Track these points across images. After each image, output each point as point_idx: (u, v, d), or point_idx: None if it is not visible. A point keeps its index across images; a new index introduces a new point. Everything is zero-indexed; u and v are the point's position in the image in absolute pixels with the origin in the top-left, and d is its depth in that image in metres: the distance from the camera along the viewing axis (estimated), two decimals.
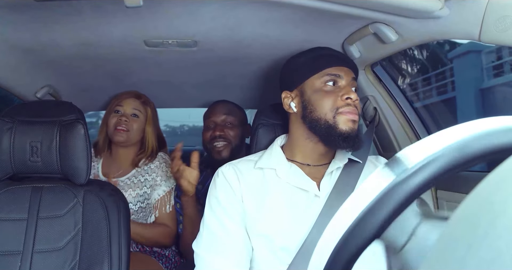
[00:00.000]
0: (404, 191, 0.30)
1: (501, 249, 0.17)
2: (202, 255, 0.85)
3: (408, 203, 0.30)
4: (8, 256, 0.99)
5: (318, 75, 0.92)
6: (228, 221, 0.86)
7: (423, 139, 0.31)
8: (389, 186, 0.30)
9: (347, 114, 0.88)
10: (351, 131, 0.87)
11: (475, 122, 0.30)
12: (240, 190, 0.88)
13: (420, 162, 0.30)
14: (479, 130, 0.29)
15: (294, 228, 0.83)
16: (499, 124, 0.29)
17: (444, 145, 0.29)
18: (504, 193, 0.20)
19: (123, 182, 1.46)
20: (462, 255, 0.19)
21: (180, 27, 1.03)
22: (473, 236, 0.20)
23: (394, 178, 0.30)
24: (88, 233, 1.04)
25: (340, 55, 0.99)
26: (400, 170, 0.30)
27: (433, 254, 0.23)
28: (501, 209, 0.19)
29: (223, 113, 1.49)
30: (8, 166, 1.04)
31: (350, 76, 0.93)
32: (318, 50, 0.99)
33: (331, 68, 0.92)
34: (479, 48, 6.17)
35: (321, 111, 0.89)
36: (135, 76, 1.48)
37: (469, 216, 0.21)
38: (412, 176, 0.30)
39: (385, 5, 0.84)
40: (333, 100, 0.89)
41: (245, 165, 0.94)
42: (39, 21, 0.97)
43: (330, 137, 0.88)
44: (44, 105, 1.18)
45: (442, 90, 7.31)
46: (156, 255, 1.46)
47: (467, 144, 0.29)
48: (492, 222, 0.19)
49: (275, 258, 0.83)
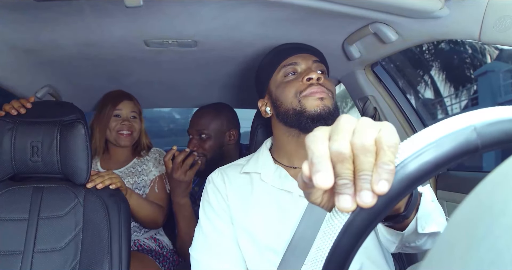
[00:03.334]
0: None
1: (501, 249, 0.17)
2: (198, 259, 0.86)
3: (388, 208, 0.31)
4: (9, 256, 1.00)
5: (276, 71, 0.93)
6: (221, 223, 0.87)
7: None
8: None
9: (312, 95, 0.85)
10: (321, 110, 0.83)
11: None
12: (226, 193, 0.89)
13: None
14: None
15: (279, 229, 0.82)
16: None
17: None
18: (504, 193, 0.20)
19: (121, 172, 1.51)
20: (462, 255, 0.20)
21: (180, 27, 1.03)
22: (473, 236, 0.20)
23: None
24: (89, 233, 1.04)
25: (296, 44, 0.98)
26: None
27: (433, 254, 0.23)
28: (501, 209, 0.19)
29: (197, 127, 1.48)
30: (9, 166, 1.04)
31: (310, 60, 0.92)
32: (276, 48, 1.00)
33: (286, 60, 0.92)
34: (498, 68, 7.02)
35: (287, 101, 0.87)
36: (135, 76, 1.48)
37: (469, 216, 0.21)
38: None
39: (385, 5, 0.84)
40: (294, 86, 0.87)
41: (232, 170, 0.94)
42: (39, 21, 0.97)
43: (302, 124, 0.85)
44: (45, 105, 1.18)
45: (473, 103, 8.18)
46: (154, 254, 1.46)
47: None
48: (492, 222, 0.19)
49: (263, 259, 0.83)
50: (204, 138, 1.46)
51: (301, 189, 0.34)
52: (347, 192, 0.30)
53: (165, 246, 1.55)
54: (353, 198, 0.30)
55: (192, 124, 1.51)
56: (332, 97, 0.87)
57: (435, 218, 0.62)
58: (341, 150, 0.30)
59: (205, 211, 0.90)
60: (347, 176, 0.30)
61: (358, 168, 0.30)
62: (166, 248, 1.55)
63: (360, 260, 0.78)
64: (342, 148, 0.30)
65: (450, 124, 0.30)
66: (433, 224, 0.61)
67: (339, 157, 0.30)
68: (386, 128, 0.31)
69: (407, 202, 0.53)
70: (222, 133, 1.49)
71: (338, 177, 0.30)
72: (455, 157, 0.30)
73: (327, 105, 0.84)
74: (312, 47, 0.99)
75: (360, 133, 0.31)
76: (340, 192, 0.30)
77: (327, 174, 0.30)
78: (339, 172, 0.30)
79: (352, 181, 0.30)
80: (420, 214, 0.58)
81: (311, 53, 0.95)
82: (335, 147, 0.30)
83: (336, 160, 0.30)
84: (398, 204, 0.49)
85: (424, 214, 0.59)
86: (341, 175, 0.30)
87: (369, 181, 0.29)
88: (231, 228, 0.87)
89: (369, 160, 0.30)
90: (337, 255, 0.31)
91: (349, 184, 0.30)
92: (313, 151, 0.31)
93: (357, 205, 0.30)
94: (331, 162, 0.31)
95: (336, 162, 0.31)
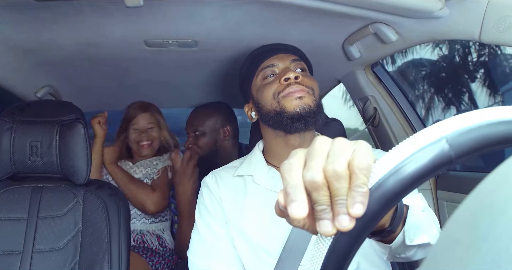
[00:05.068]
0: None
1: (502, 249, 0.17)
2: (195, 262, 0.86)
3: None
4: (8, 256, 0.99)
5: (255, 76, 0.92)
6: (217, 226, 0.87)
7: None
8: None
9: (290, 95, 0.84)
10: (300, 110, 0.82)
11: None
12: (220, 196, 0.89)
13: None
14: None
15: (274, 231, 0.82)
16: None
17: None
18: (504, 193, 0.20)
19: (140, 163, 1.65)
20: (462, 255, 0.19)
21: (180, 27, 1.03)
22: (473, 236, 0.20)
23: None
24: (88, 233, 1.04)
25: (272, 45, 0.97)
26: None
27: (433, 254, 0.23)
28: (501, 209, 0.19)
29: (192, 125, 1.55)
30: (8, 166, 1.04)
31: (287, 59, 0.91)
32: (252, 52, 0.99)
33: (264, 62, 0.91)
34: None
35: (267, 103, 0.87)
36: (135, 76, 1.48)
37: (469, 216, 0.21)
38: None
39: (385, 5, 0.84)
40: (272, 88, 0.86)
41: (226, 173, 0.94)
42: (39, 21, 0.97)
43: (283, 124, 0.84)
44: (44, 105, 1.18)
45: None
46: (149, 254, 1.46)
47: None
48: (492, 222, 0.19)
49: (259, 260, 0.82)
50: (198, 135, 1.52)
51: (279, 217, 0.35)
52: (326, 217, 0.31)
53: (166, 246, 1.55)
54: (333, 223, 0.30)
55: (188, 122, 1.58)
56: (313, 93, 0.86)
57: (425, 229, 0.60)
58: (315, 179, 0.31)
59: (201, 214, 0.90)
60: (324, 202, 0.31)
61: (333, 193, 0.31)
62: (167, 247, 1.55)
63: (356, 260, 0.78)
64: (315, 177, 0.31)
65: (421, 138, 0.30)
66: (423, 235, 0.60)
67: (313, 185, 0.31)
68: (360, 149, 0.32)
69: (392, 217, 0.52)
70: (216, 130, 1.53)
71: (316, 204, 0.31)
72: (430, 171, 0.30)
73: (307, 104, 0.83)
74: (290, 45, 0.97)
75: (333, 157, 0.32)
76: (320, 218, 0.31)
77: (301, 204, 0.31)
78: (315, 199, 0.31)
79: (330, 206, 0.31)
80: (407, 226, 0.57)
81: (289, 52, 0.94)
82: (308, 177, 0.31)
83: (311, 189, 0.31)
84: (382, 220, 0.49)
85: (412, 226, 0.58)
86: (318, 201, 0.31)
87: (345, 205, 0.30)
88: (227, 230, 0.87)
89: (343, 185, 0.31)
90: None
91: (327, 209, 0.31)
92: (288, 181, 0.32)
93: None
94: (307, 190, 0.32)
95: (311, 190, 0.31)
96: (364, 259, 0.78)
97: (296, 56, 0.93)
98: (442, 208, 1.24)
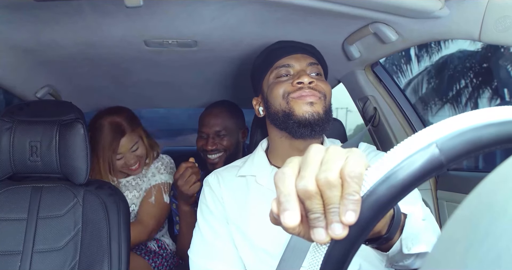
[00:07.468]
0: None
1: (502, 249, 0.17)
2: (196, 262, 0.86)
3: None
4: (7, 256, 0.99)
5: (269, 72, 0.91)
6: (218, 225, 0.87)
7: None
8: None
9: (301, 98, 0.82)
10: (309, 117, 0.81)
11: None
12: (221, 195, 0.89)
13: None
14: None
15: (275, 232, 0.81)
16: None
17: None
18: (504, 193, 0.20)
19: (128, 182, 1.48)
20: (462, 255, 0.19)
21: (180, 27, 1.03)
22: (473, 236, 0.19)
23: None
24: (88, 233, 1.04)
25: (290, 43, 0.95)
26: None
27: (433, 254, 0.23)
28: (501, 209, 0.19)
29: (216, 124, 1.45)
30: (7, 166, 1.04)
31: (304, 62, 0.89)
32: (270, 47, 0.97)
33: (280, 60, 0.90)
34: None
35: (276, 102, 0.86)
36: (135, 76, 1.48)
37: (469, 216, 0.21)
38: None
39: (385, 5, 0.84)
40: (283, 87, 0.85)
41: (228, 172, 0.94)
42: (39, 21, 0.97)
43: (289, 128, 0.83)
44: (44, 105, 1.18)
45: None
46: (152, 256, 1.46)
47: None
48: (492, 222, 0.19)
49: (260, 261, 0.82)
50: (222, 135, 1.45)
51: (273, 224, 0.35)
52: (320, 225, 0.31)
53: (167, 247, 1.55)
54: (326, 231, 0.31)
55: (208, 123, 1.46)
56: (324, 99, 0.85)
57: (424, 238, 0.60)
58: (307, 188, 0.31)
59: (203, 213, 0.90)
60: (317, 211, 0.31)
61: (326, 202, 0.31)
62: (167, 249, 1.55)
63: (358, 262, 0.77)
64: (307, 186, 0.32)
65: (411, 144, 0.30)
66: (421, 244, 0.59)
67: (305, 194, 0.32)
68: (352, 156, 0.32)
69: (389, 224, 0.52)
70: (238, 130, 1.52)
71: (309, 212, 0.32)
72: (421, 177, 0.30)
73: (316, 111, 0.82)
74: (309, 45, 0.96)
75: (325, 166, 0.32)
76: (314, 226, 0.31)
77: (293, 213, 0.31)
78: (309, 207, 0.32)
79: (323, 214, 0.31)
80: (405, 235, 0.57)
81: (307, 53, 0.92)
82: (301, 186, 0.32)
83: (304, 197, 0.32)
84: (378, 226, 0.49)
85: (411, 234, 0.57)
86: (312, 210, 0.32)
87: (337, 213, 0.31)
88: (228, 230, 0.86)
89: (335, 194, 0.31)
90: None
91: (320, 218, 0.31)
92: (281, 189, 0.33)
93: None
94: (300, 198, 0.32)
95: (304, 199, 0.32)
96: (366, 261, 0.78)
97: (314, 59, 0.92)
98: (442, 208, 1.24)
